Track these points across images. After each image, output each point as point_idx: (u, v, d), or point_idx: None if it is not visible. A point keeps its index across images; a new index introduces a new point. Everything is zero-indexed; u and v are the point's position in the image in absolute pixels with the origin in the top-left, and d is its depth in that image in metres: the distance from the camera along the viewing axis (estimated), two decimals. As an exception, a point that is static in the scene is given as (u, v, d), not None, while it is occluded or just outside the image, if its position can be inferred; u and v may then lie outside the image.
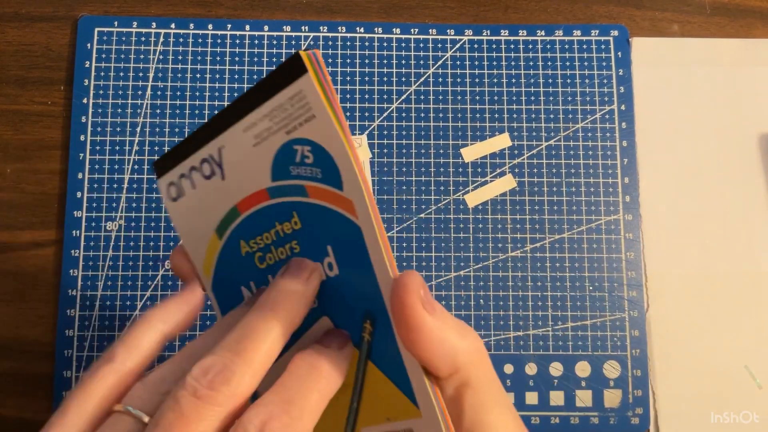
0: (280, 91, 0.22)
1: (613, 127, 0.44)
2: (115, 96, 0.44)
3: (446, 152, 0.44)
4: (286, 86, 0.22)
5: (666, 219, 0.44)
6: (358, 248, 0.23)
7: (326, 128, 0.22)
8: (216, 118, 0.24)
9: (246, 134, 0.24)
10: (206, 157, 0.25)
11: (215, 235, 0.26)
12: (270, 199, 0.24)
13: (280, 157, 0.23)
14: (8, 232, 0.43)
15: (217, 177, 0.25)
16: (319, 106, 0.22)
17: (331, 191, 0.23)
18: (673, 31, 0.46)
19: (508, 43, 0.45)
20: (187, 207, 0.26)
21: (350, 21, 0.45)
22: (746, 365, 0.42)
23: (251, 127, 0.23)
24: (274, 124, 0.23)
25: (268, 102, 0.23)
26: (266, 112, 0.23)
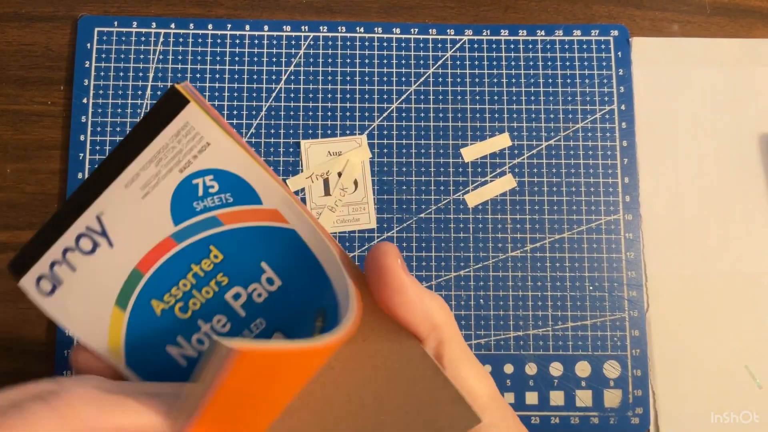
0: (162, 131, 0.21)
1: (613, 127, 0.44)
2: (115, 96, 0.44)
3: (446, 152, 0.44)
4: (168, 123, 0.21)
5: (666, 219, 0.44)
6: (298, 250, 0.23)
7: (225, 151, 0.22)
8: (86, 182, 0.22)
9: (129, 189, 0.22)
10: (82, 232, 0.22)
11: (116, 309, 0.23)
12: (177, 245, 0.23)
13: (179, 197, 0.22)
14: (8, 232, 0.43)
15: (103, 247, 0.22)
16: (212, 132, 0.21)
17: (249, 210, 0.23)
18: (673, 31, 0.46)
19: (508, 43, 0.45)
20: (71, 295, 0.23)
21: (350, 21, 0.45)
22: (746, 365, 0.42)
23: (134, 179, 0.22)
24: (162, 167, 0.22)
25: (148, 147, 0.21)
26: (149, 157, 0.22)
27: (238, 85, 0.44)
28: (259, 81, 0.44)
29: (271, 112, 0.44)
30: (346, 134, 0.44)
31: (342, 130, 0.44)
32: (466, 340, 0.41)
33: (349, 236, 0.43)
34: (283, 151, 0.44)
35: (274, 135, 0.44)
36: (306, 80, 0.44)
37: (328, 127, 0.44)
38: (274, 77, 0.44)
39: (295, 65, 0.45)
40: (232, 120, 0.44)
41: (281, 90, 0.44)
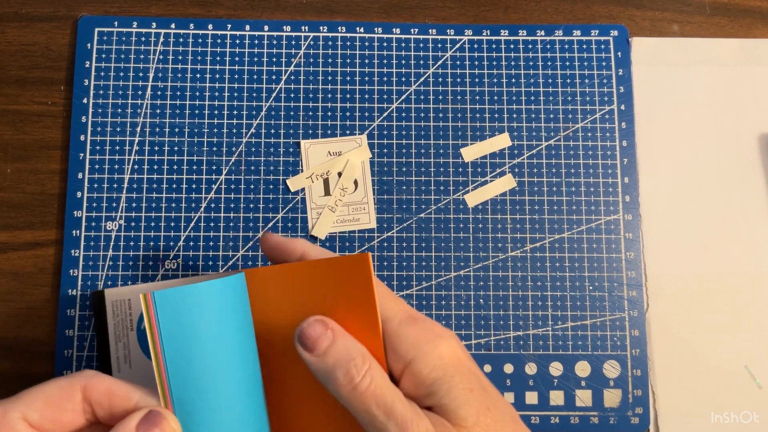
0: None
1: (613, 127, 0.44)
2: (115, 96, 0.44)
3: (446, 152, 0.44)
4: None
5: (666, 219, 0.44)
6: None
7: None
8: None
9: None
10: None
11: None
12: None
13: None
14: (8, 232, 0.43)
15: None
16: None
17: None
18: (673, 31, 0.46)
19: (508, 43, 0.45)
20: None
21: (350, 21, 0.46)
22: (746, 365, 0.42)
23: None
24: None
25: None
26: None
27: (238, 85, 0.44)
28: (259, 81, 0.44)
29: (271, 112, 0.44)
30: (346, 134, 0.44)
31: (342, 130, 0.44)
32: (466, 340, 0.42)
33: (349, 236, 0.43)
34: (283, 151, 0.44)
35: (274, 135, 0.44)
36: (306, 80, 0.44)
37: (328, 127, 0.44)
38: (274, 77, 0.44)
39: (295, 65, 0.45)
40: (232, 120, 0.44)
41: (281, 90, 0.44)
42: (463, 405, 0.27)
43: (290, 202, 0.43)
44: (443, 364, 0.28)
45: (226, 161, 0.43)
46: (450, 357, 0.28)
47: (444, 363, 0.28)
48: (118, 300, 0.40)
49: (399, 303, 0.30)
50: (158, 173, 0.43)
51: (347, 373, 0.28)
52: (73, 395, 0.29)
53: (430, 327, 0.29)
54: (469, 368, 0.29)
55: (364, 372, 0.28)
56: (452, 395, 0.27)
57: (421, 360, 0.28)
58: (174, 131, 0.43)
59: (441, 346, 0.28)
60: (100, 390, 0.29)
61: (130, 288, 0.40)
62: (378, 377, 0.28)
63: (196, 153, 0.43)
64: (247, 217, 0.43)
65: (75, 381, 0.29)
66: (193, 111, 0.44)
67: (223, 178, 0.43)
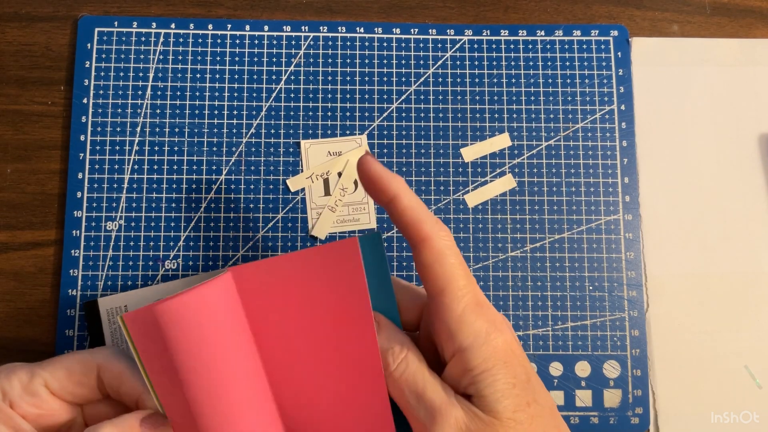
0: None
1: (613, 127, 0.44)
2: (115, 96, 0.44)
3: (446, 152, 0.44)
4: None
5: (666, 219, 0.44)
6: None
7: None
8: None
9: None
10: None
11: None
12: None
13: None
14: (8, 232, 0.43)
15: None
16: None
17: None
18: (673, 31, 0.46)
19: (508, 43, 0.45)
20: None
21: (350, 21, 0.45)
22: (746, 365, 0.42)
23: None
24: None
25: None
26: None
27: (239, 85, 0.44)
28: (259, 81, 0.44)
29: (271, 112, 0.44)
30: (346, 134, 0.44)
31: (342, 130, 0.44)
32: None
33: (349, 236, 0.43)
34: (283, 151, 0.44)
35: (274, 135, 0.44)
36: (306, 80, 0.44)
37: (328, 127, 0.44)
38: (274, 77, 0.44)
39: (295, 65, 0.45)
40: (232, 120, 0.44)
41: (281, 90, 0.44)
42: (502, 399, 0.28)
43: (290, 202, 0.43)
44: (494, 358, 0.28)
45: (226, 161, 0.43)
46: (503, 351, 0.29)
47: (496, 356, 0.28)
48: (112, 308, 0.40)
49: (469, 283, 0.30)
50: (158, 173, 0.43)
51: (385, 360, 0.30)
52: (90, 372, 0.32)
53: (491, 318, 0.29)
54: (519, 362, 0.29)
55: (400, 360, 0.30)
56: (494, 388, 0.28)
57: (475, 350, 0.28)
58: (174, 131, 0.43)
59: (497, 340, 0.29)
60: (113, 372, 0.31)
61: (125, 295, 0.40)
62: (413, 365, 0.30)
63: (196, 153, 0.43)
64: (247, 217, 0.43)
65: (93, 359, 0.32)
66: (193, 111, 0.44)
67: (223, 178, 0.43)
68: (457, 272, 0.29)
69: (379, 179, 0.31)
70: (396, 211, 0.31)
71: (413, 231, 0.30)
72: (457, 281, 0.29)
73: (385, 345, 0.30)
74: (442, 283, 0.29)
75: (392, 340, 0.30)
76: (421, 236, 0.30)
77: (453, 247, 0.30)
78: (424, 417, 0.28)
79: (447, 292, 0.29)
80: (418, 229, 0.30)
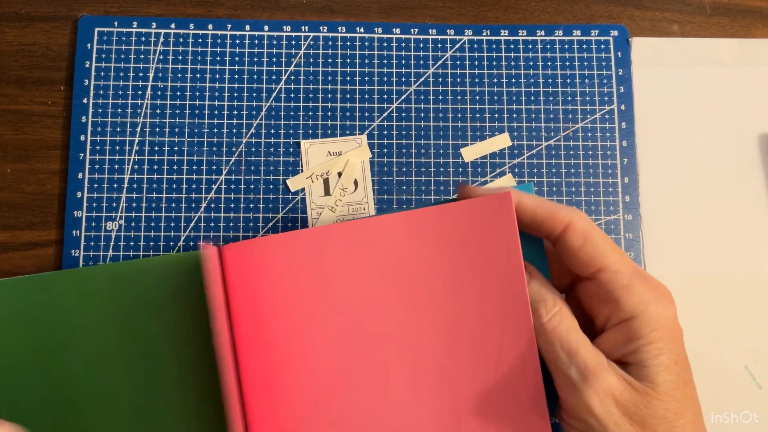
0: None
1: (613, 127, 0.44)
2: (115, 96, 0.44)
3: (446, 152, 0.44)
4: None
5: (666, 219, 0.44)
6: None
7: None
8: None
9: None
10: None
11: None
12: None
13: None
14: (8, 232, 0.43)
15: None
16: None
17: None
18: (673, 31, 0.46)
19: (508, 43, 0.45)
20: None
21: (350, 21, 0.46)
22: (746, 365, 0.42)
23: None
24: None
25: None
26: None
27: (239, 85, 0.44)
28: (259, 81, 0.44)
29: (271, 112, 0.44)
30: (346, 134, 0.44)
31: (342, 130, 0.44)
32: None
33: (349, 236, 0.43)
34: (283, 151, 0.44)
35: (275, 135, 0.44)
36: (306, 80, 0.44)
37: (328, 127, 0.44)
38: (274, 77, 0.44)
39: (295, 65, 0.45)
40: (232, 120, 0.44)
41: (281, 90, 0.44)
42: (663, 373, 0.27)
43: (290, 202, 0.43)
44: (663, 329, 0.28)
45: (226, 161, 0.43)
46: (671, 324, 0.28)
47: (664, 328, 0.28)
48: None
49: (623, 256, 0.30)
50: (158, 173, 0.43)
51: (536, 311, 0.29)
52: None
53: (658, 287, 0.29)
54: (681, 339, 0.29)
55: (553, 313, 0.29)
56: (659, 360, 0.28)
57: (644, 319, 0.28)
58: (174, 131, 0.43)
59: (669, 310, 0.28)
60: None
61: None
62: (566, 321, 0.29)
63: (196, 153, 0.43)
64: (247, 217, 0.43)
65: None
66: (193, 111, 0.44)
67: (223, 178, 0.43)
68: (610, 246, 0.29)
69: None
70: (526, 215, 0.30)
71: (551, 223, 0.30)
72: (613, 255, 0.29)
73: (536, 296, 0.30)
74: (599, 260, 0.29)
75: (545, 291, 0.30)
76: (561, 224, 0.29)
77: (595, 225, 0.30)
78: (575, 376, 0.28)
79: (607, 266, 0.29)
80: (555, 220, 0.30)
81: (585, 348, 0.28)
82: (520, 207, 0.30)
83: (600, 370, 0.27)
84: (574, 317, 0.29)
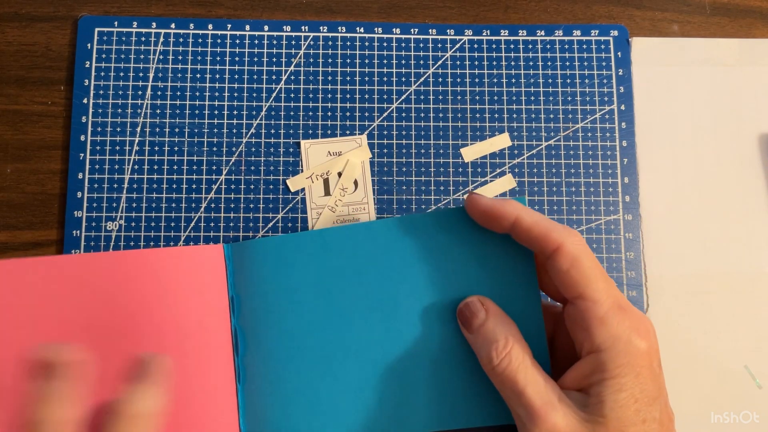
0: None
1: (613, 127, 0.44)
2: (116, 96, 0.44)
3: (446, 152, 0.44)
4: None
5: (666, 219, 0.44)
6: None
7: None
8: None
9: None
10: None
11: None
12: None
13: None
14: (8, 232, 0.43)
15: None
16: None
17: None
18: (673, 31, 0.46)
19: (508, 43, 0.45)
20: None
21: (350, 21, 0.46)
22: (746, 365, 0.42)
23: None
24: None
25: None
26: None
27: (239, 85, 0.44)
28: (259, 81, 0.44)
29: (271, 112, 0.44)
30: (346, 134, 0.44)
31: (342, 130, 0.44)
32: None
33: (349, 236, 0.43)
34: (283, 151, 0.44)
35: (275, 135, 0.44)
36: (306, 80, 0.44)
37: (328, 127, 0.44)
38: (274, 77, 0.44)
39: (295, 65, 0.45)
40: (232, 120, 0.44)
41: (281, 90, 0.44)
42: (618, 409, 0.28)
43: (290, 203, 0.43)
44: (629, 366, 0.28)
45: (226, 161, 0.43)
46: (642, 360, 0.29)
47: (630, 365, 0.28)
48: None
49: (609, 286, 0.30)
50: (158, 173, 0.43)
51: (488, 355, 0.30)
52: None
53: (637, 321, 0.29)
54: (652, 376, 0.29)
55: (503, 356, 0.30)
56: (616, 396, 0.28)
57: (611, 353, 0.28)
58: (174, 131, 0.44)
59: (639, 347, 0.29)
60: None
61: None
62: (516, 361, 0.30)
63: (196, 153, 0.43)
64: (247, 217, 0.43)
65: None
66: (193, 111, 0.44)
67: (223, 178, 0.43)
68: (594, 275, 0.30)
69: (493, 209, 0.32)
70: (522, 231, 0.31)
71: (543, 243, 0.30)
72: (596, 283, 0.29)
73: (490, 337, 0.31)
74: (581, 287, 0.29)
75: (498, 331, 0.31)
76: (552, 246, 0.30)
77: (587, 251, 0.30)
78: (523, 416, 0.29)
79: (587, 295, 0.29)
80: (547, 240, 0.30)
81: (532, 388, 0.29)
82: (518, 223, 0.31)
83: (546, 410, 0.28)
84: (526, 353, 0.30)
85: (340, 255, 0.37)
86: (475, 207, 0.33)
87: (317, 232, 0.37)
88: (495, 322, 0.31)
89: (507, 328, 0.31)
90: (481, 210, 0.32)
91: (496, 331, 0.31)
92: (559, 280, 0.30)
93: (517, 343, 0.30)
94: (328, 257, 0.37)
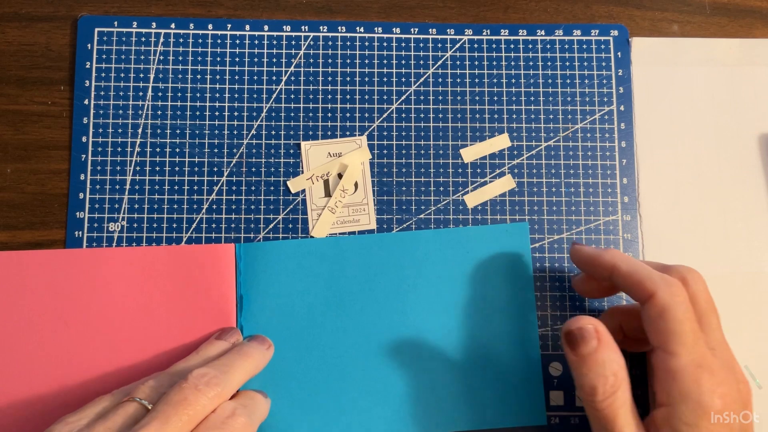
0: None
1: (612, 127, 0.44)
2: (116, 97, 0.44)
3: (446, 152, 0.44)
4: None
5: (665, 219, 0.44)
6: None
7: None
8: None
9: None
10: None
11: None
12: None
13: None
14: (8, 232, 0.43)
15: None
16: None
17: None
18: (673, 31, 0.46)
19: (508, 43, 0.45)
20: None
21: (350, 21, 0.45)
22: (746, 365, 0.42)
23: None
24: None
25: None
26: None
27: (239, 86, 0.44)
28: (260, 82, 0.44)
29: (271, 113, 0.44)
30: (346, 135, 0.44)
31: (342, 131, 0.44)
32: (466, 340, 0.42)
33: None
34: (283, 152, 0.44)
35: (275, 136, 0.44)
36: (306, 81, 0.44)
37: (329, 129, 0.44)
38: (274, 78, 0.44)
39: (296, 66, 0.45)
40: (233, 121, 0.44)
41: (281, 91, 0.44)
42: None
43: (291, 204, 0.43)
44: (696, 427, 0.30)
45: (227, 163, 0.43)
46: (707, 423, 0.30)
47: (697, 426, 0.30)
48: None
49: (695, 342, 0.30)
50: (160, 174, 0.43)
51: (591, 387, 0.30)
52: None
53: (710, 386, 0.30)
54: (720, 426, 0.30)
55: (609, 394, 0.30)
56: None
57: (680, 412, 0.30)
58: (175, 132, 0.44)
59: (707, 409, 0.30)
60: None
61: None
62: (619, 401, 0.30)
63: (198, 154, 0.43)
64: (248, 218, 0.43)
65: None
66: (194, 112, 0.44)
67: (224, 179, 0.43)
68: (680, 329, 0.30)
69: (594, 258, 0.34)
70: (620, 278, 0.32)
71: (639, 291, 0.31)
72: (679, 337, 0.30)
73: (598, 369, 0.31)
74: (663, 338, 0.30)
75: (608, 365, 0.31)
76: (647, 294, 0.31)
77: (683, 303, 0.30)
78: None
79: (667, 348, 0.30)
80: (642, 288, 0.31)
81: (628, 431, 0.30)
82: (615, 271, 0.33)
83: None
84: (629, 391, 0.31)
85: (353, 263, 0.40)
86: (580, 255, 0.36)
87: (332, 239, 0.41)
88: (607, 353, 0.31)
89: (617, 362, 0.31)
90: (583, 259, 0.36)
91: (606, 366, 0.31)
92: (646, 328, 0.31)
93: (624, 381, 0.31)
94: (341, 264, 0.40)
